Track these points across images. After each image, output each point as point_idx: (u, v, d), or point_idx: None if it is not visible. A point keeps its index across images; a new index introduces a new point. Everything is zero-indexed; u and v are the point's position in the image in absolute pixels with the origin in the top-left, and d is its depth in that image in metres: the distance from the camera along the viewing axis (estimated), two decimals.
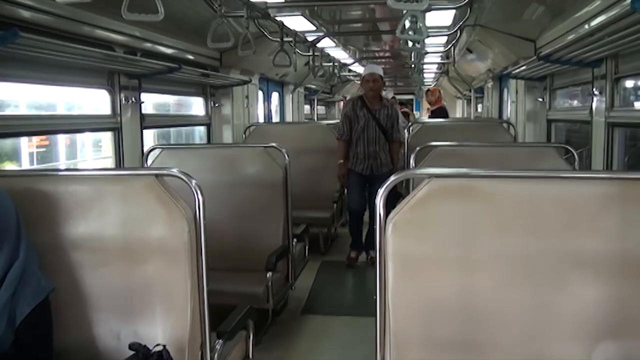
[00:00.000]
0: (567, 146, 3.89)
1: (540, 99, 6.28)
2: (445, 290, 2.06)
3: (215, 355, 2.43)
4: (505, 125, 6.27)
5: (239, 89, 7.03)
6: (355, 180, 5.88)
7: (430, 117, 10.11)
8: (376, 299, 2.15)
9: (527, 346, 2.04)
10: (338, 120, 6.98)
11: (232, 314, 2.75)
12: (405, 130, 5.81)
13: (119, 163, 4.63)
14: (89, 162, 7.84)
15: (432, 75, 14.02)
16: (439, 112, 9.46)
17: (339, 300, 5.24)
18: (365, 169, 5.78)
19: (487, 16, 5.80)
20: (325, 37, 6.80)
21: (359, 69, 11.37)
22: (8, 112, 4.15)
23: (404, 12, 3.33)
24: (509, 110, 7.50)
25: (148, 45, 4.81)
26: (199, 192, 2.31)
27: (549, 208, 2.01)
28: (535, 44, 5.73)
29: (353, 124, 5.74)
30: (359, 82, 13.57)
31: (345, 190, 6.40)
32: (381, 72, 5.79)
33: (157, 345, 2.06)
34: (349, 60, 9.59)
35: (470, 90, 11.65)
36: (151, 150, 4.38)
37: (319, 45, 7.16)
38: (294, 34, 6.03)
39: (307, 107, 12.17)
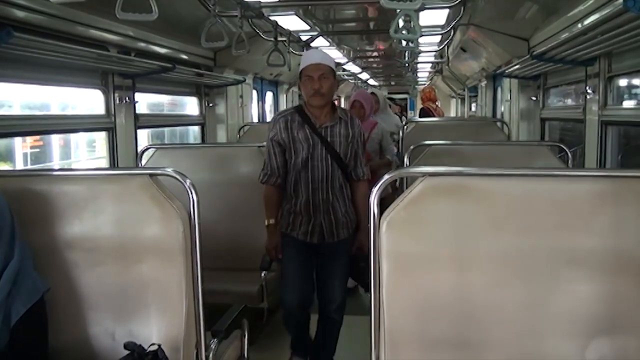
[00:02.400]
0: (560, 144, 3.91)
1: (534, 98, 6.29)
2: (440, 288, 2.07)
3: (211, 355, 2.43)
4: (499, 124, 6.30)
5: (233, 89, 7.02)
6: (293, 255, 3.53)
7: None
8: (370, 297, 2.16)
9: (521, 343, 2.05)
10: None
11: (227, 313, 2.76)
12: (400, 131, 5.77)
13: (113, 163, 4.62)
14: (83, 163, 7.82)
15: (426, 74, 14.04)
16: (422, 113, 9.53)
17: None
18: (310, 234, 3.46)
19: (481, 15, 5.82)
20: (319, 36, 6.79)
21: (353, 68, 11.36)
22: (2, 112, 4.14)
23: (398, 11, 3.33)
24: (502, 109, 7.52)
25: (142, 45, 4.80)
26: (193, 191, 2.31)
27: (543, 206, 2.02)
28: (529, 43, 5.75)
29: (289, 155, 3.45)
30: (353, 81, 13.64)
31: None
32: (332, 64, 3.46)
33: (152, 344, 2.06)
34: (343, 60, 9.57)
35: (464, 89, 11.69)
36: (145, 150, 4.38)
37: (313, 44, 7.15)
38: (288, 33, 6.02)
39: None
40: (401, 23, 3.57)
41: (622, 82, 4.25)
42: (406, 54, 8.45)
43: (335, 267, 3.56)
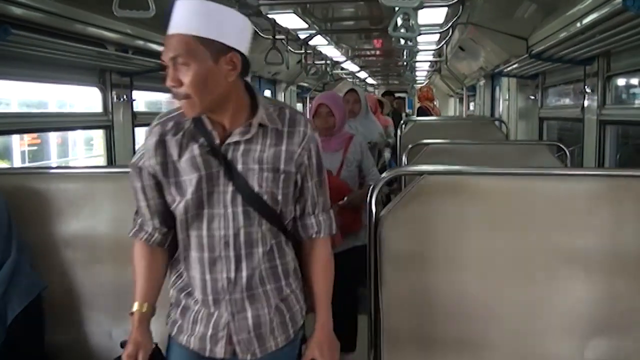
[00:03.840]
0: (559, 144, 3.90)
1: (532, 97, 6.28)
2: (438, 287, 2.07)
3: None
4: (497, 123, 6.29)
5: None
6: None
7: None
8: (369, 296, 2.16)
9: (520, 343, 2.05)
10: None
11: None
12: (398, 129, 5.72)
13: (111, 161, 4.61)
14: (81, 161, 7.81)
15: (425, 73, 14.00)
16: (419, 112, 9.53)
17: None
18: (211, 342, 1.76)
19: (480, 14, 5.80)
20: (318, 34, 6.77)
21: (351, 67, 11.34)
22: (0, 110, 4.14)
23: (396, 9, 3.32)
24: (501, 108, 7.51)
25: (140, 42, 4.78)
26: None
27: (541, 205, 2.02)
28: (527, 42, 5.73)
29: (168, 196, 1.72)
30: (351, 79, 13.62)
31: None
32: (206, 29, 1.69)
33: None
34: (341, 58, 9.55)
35: (462, 88, 11.65)
36: None
37: (311, 43, 7.12)
38: (286, 31, 6.00)
39: (299, 106, 12.15)
40: (400, 21, 3.56)
41: (621, 81, 4.24)
42: (404, 52, 8.42)
43: None
